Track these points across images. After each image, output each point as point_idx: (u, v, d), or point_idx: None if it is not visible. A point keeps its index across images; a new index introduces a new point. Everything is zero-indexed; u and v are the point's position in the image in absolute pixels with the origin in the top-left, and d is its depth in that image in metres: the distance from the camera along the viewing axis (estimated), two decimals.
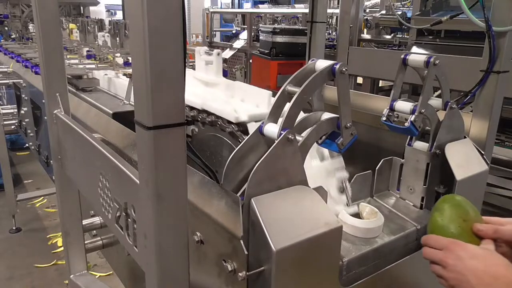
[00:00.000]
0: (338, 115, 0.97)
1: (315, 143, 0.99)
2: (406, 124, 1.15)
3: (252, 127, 1.36)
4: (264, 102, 1.44)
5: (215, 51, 1.77)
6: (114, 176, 1.06)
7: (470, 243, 0.83)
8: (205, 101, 1.54)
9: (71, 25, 3.64)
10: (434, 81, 1.19)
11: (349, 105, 0.96)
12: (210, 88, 1.75)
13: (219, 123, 1.46)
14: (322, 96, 1.03)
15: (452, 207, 0.93)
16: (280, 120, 0.92)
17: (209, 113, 1.52)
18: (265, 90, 1.49)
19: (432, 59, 1.15)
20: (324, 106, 1.02)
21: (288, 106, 0.92)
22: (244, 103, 1.54)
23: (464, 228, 0.88)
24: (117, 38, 2.71)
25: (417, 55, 1.20)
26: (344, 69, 0.93)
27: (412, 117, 1.15)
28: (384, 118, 1.23)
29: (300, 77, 0.98)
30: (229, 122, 1.41)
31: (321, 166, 1.23)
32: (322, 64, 0.96)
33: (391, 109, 1.22)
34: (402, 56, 1.22)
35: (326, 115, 0.99)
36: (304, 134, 0.95)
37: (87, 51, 2.85)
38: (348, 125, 0.96)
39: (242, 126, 1.39)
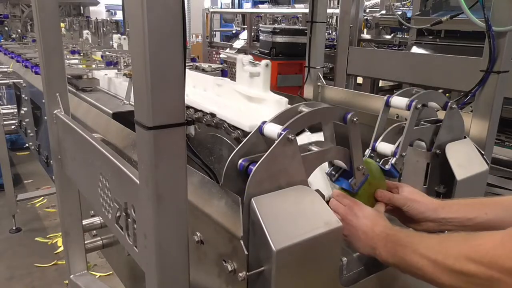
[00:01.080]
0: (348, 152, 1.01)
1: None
2: (387, 166, 1.14)
3: None
4: None
5: (263, 62, 1.52)
6: (114, 176, 1.06)
7: (368, 203, 1.02)
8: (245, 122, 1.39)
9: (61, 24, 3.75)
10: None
11: (361, 149, 1.01)
12: (253, 104, 1.58)
13: None
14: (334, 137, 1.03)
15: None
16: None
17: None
18: None
19: (414, 103, 1.15)
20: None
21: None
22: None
23: (367, 190, 1.06)
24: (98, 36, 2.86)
25: (400, 98, 1.20)
26: (355, 119, 0.97)
27: (393, 160, 1.14)
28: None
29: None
30: None
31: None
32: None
33: (373, 149, 1.20)
34: (385, 98, 1.23)
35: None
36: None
37: (72, 47, 2.91)
38: (361, 167, 1.02)
39: None
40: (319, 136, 1.10)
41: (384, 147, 1.18)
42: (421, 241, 0.85)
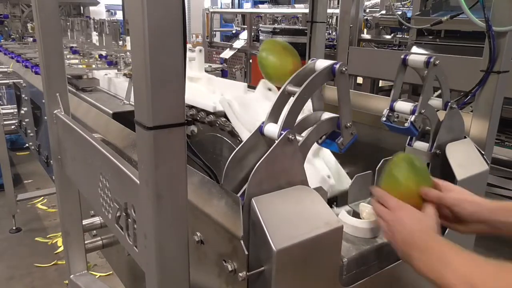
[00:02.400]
0: (338, 115, 0.97)
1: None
2: (406, 124, 1.15)
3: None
4: (240, 93, 1.67)
5: (197, 48, 2.01)
6: (114, 176, 1.06)
7: (414, 202, 0.95)
8: (188, 95, 1.67)
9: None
10: (434, 81, 1.19)
11: (349, 105, 0.97)
12: (193, 83, 1.95)
13: (199, 116, 1.63)
14: (322, 96, 1.03)
15: (408, 166, 1.00)
16: (280, 120, 0.92)
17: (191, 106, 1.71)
18: (241, 82, 1.76)
19: (432, 60, 1.15)
20: (324, 106, 1.02)
21: (288, 106, 0.92)
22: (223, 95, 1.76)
23: (412, 188, 0.98)
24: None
25: (417, 55, 1.20)
26: (344, 69, 0.93)
27: (412, 118, 1.15)
28: (384, 119, 1.23)
29: (300, 77, 0.98)
30: (209, 113, 1.61)
31: None
32: (322, 64, 0.96)
33: (391, 109, 1.21)
34: (402, 56, 1.21)
35: (326, 115, 0.99)
36: (304, 134, 0.95)
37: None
38: (348, 124, 0.97)
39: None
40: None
41: (403, 106, 1.18)
42: (473, 267, 0.75)
